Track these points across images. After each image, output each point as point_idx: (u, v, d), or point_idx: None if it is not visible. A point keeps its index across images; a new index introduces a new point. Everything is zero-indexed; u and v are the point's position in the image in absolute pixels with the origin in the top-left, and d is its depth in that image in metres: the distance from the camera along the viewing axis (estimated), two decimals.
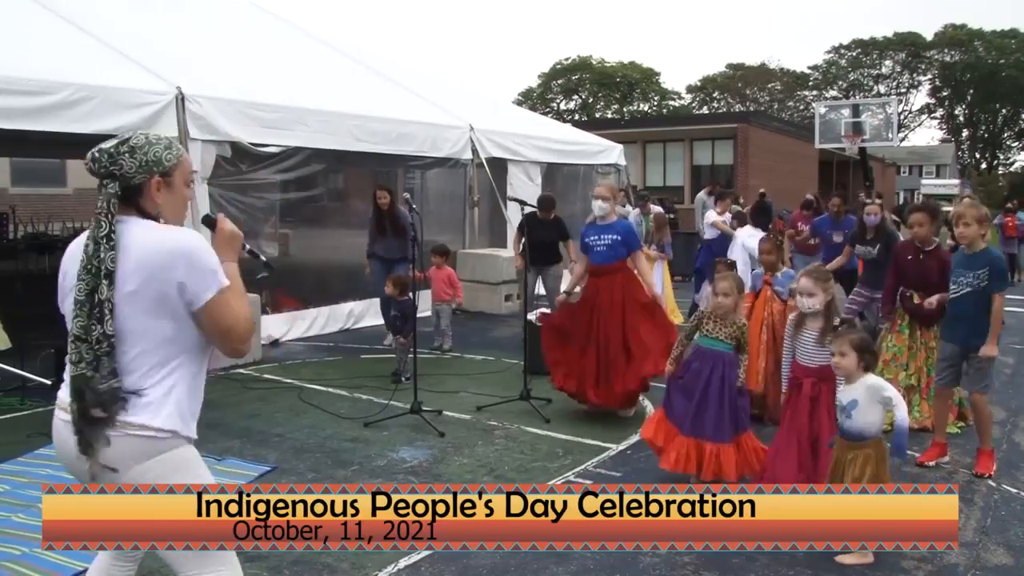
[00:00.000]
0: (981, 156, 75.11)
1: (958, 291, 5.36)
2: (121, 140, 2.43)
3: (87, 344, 2.31)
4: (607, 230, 6.50)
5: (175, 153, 2.49)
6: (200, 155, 8.44)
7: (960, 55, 68.39)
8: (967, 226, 5.27)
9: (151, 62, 8.64)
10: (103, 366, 2.31)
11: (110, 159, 2.39)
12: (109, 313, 2.30)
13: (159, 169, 2.44)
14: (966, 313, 5.31)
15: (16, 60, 7.36)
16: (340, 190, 14.95)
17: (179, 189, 2.51)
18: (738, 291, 5.14)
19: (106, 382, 2.31)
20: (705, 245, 11.60)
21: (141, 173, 2.41)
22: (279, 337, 9.59)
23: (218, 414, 6.61)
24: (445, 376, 8.03)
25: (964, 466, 5.51)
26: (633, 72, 71.10)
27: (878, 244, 7.37)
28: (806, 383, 4.57)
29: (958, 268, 5.38)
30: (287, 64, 11.71)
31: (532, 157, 13.29)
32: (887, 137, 24.92)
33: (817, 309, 4.58)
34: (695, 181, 30.37)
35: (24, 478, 5.00)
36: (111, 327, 2.30)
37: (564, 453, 5.76)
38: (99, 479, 2.40)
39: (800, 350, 4.68)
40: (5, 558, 3.95)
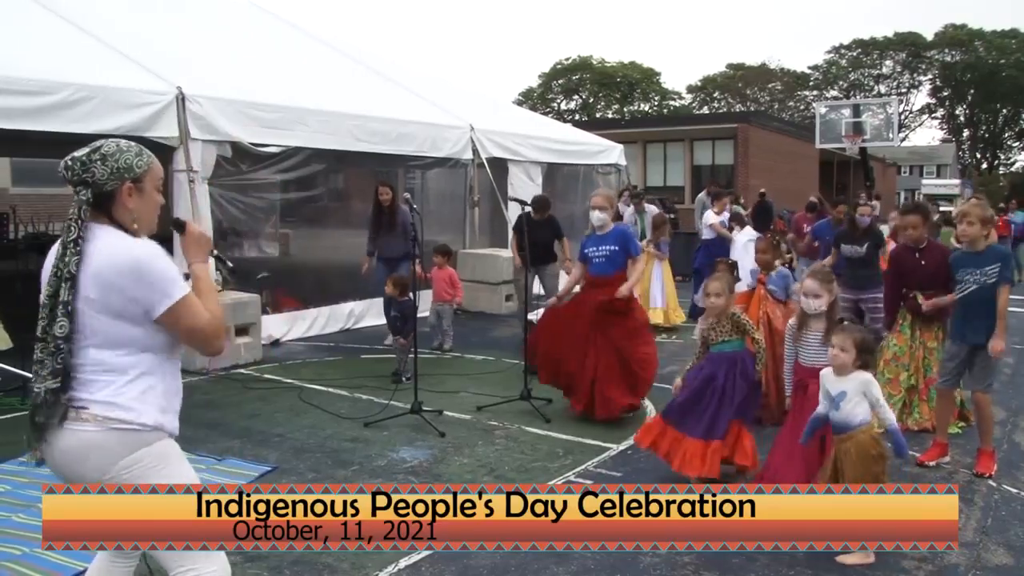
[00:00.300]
0: (982, 156, 75.09)
1: (964, 289, 5.35)
2: (93, 148, 2.49)
3: (43, 343, 2.39)
4: (605, 240, 6.49)
5: (146, 160, 2.55)
6: (200, 155, 8.45)
7: (961, 55, 68.39)
8: (971, 224, 5.27)
9: (151, 62, 8.65)
10: (45, 366, 2.38)
11: (82, 167, 2.45)
12: (63, 316, 2.37)
13: (130, 176, 2.49)
14: (976, 311, 5.30)
15: (17, 60, 7.37)
16: (340, 190, 14.95)
17: (150, 195, 2.56)
18: (728, 291, 5.16)
19: (43, 382, 2.38)
20: (703, 245, 11.61)
21: (113, 180, 2.47)
22: (279, 337, 9.59)
23: (218, 414, 6.62)
24: (445, 376, 8.02)
25: (964, 466, 5.51)
26: (633, 72, 71.12)
27: (866, 243, 7.37)
28: (812, 385, 4.57)
29: (963, 267, 5.36)
30: (287, 64, 11.71)
31: (532, 157, 13.28)
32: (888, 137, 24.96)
33: (822, 311, 4.59)
34: (695, 181, 30.37)
35: (25, 478, 5.00)
36: (61, 330, 2.37)
37: (564, 453, 5.76)
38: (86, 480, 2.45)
39: (803, 352, 4.68)
40: (6, 558, 3.95)
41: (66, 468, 2.47)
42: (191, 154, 8.36)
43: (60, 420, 2.40)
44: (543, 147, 13.60)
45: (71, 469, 2.46)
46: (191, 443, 5.77)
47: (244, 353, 8.43)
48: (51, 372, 2.38)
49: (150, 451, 2.47)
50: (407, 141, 10.94)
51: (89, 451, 2.41)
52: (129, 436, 2.43)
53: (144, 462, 2.46)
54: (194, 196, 8.37)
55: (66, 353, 2.38)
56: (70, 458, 2.44)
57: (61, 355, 2.38)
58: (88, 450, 2.41)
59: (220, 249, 8.58)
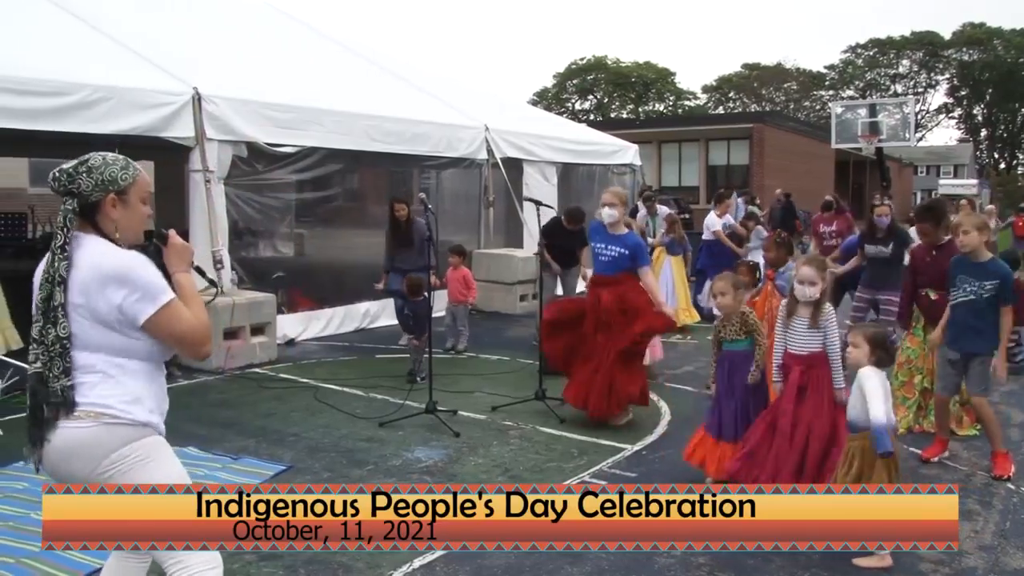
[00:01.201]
0: (1000, 156, 74.59)
1: (958, 297, 5.32)
2: (80, 161, 2.57)
3: (44, 346, 2.46)
4: (615, 241, 6.38)
5: (131, 173, 2.62)
6: (216, 155, 8.49)
7: (979, 54, 67.98)
8: (967, 234, 5.24)
9: (168, 63, 8.70)
10: (55, 366, 2.45)
11: (69, 178, 2.54)
12: (63, 317, 2.45)
13: (114, 188, 2.57)
14: (964, 320, 5.29)
15: (35, 61, 7.43)
16: (355, 190, 14.96)
17: (135, 206, 2.63)
18: (734, 288, 5.15)
19: (57, 381, 2.45)
20: (704, 245, 11.59)
21: (97, 191, 2.55)
22: (295, 337, 9.61)
23: (234, 413, 6.64)
24: (460, 376, 8.03)
25: (982, 468, 5.47)
26: (648, 72, 71.05)
27: (891, 243, 7.31)
28: (795, 370, 4.60)
29: (961, 274, 5.32)
30: (302, 65, 11.76)
31: (547, 157, 13.28)
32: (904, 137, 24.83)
33: (816, 298, 4.59)
34: (710, 181, 30.31)
35: (43, 475, 5.02)
36: (64, 330, 2.45)
37: (579, 453, 5.75)
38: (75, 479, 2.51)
39: (791, 339, 4.68)
40: (24, 555, 3.98)
41: (58, 465, 2.53)
42: (207, 154, 8.40)
43: (68, 416, 2.47)
44: (558, 147, 13.59)
45: (61, 467, 2.53)
46: (207, 442, 5.80)
47: (259, 352, 8.46)
48: (63, 371, 2.45)
49: (140, 444, 2.53)
50: (422, 141, 10.96)
51: (80, 447, 2.47)
52: (120, 430, 2.50)
53: (133, 455, 2.51)
54: (210, 196, 8.41)
55: (69, 352, 2.46)
56: (61, 455, 2.50)
57: (67, 354, 2.45)
58: (79, 446, 2.47)
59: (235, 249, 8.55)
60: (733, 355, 5.12)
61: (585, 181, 14.48)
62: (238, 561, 3.92)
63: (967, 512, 4.72)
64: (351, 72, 12.54)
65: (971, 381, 5.43)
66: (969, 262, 5.30)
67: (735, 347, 5.11)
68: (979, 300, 5.22)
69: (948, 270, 5.47)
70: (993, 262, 5.30)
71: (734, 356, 5.11)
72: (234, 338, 8.18)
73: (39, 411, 2.47)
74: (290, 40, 12.93)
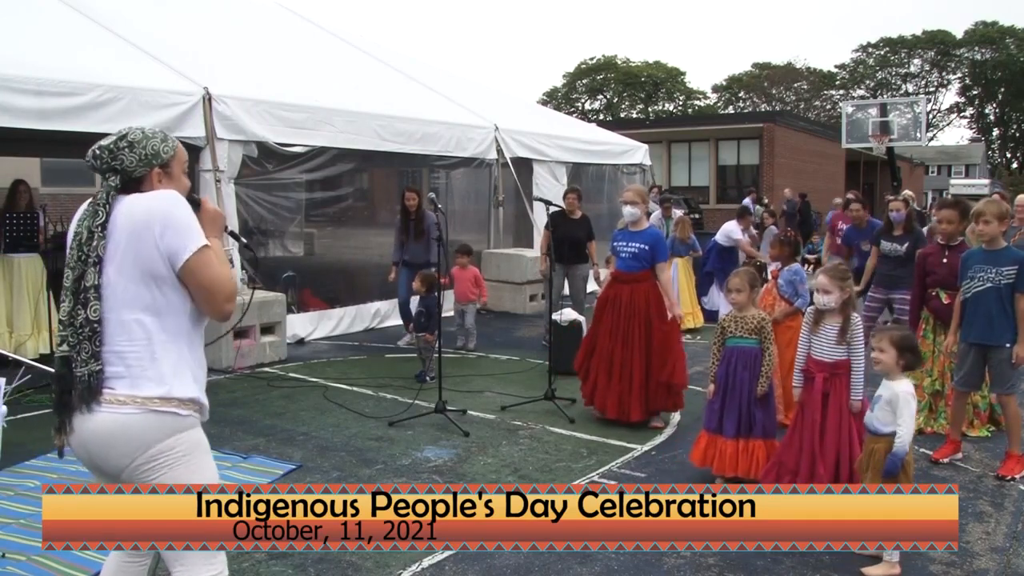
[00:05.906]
0: (1012, 155, 74.17)
1: (976, 287, 5.29)
2: (119, 136, 2.54)
3: (72, 328, 2.41)
4: (636, 237, 6.40)
5: (172, 145, 2.60)
6: (227, 155, 8.52)
7: (991, 53, 67.62)
8: (987, 223, 5.24)
9: (179, 63, 8.73)
10: (84, 350, 2.39)
11: (111, 155, 2.50)
12: (95, 299, 2.39)
13: (158, 161, 2.56)
14: (986, 310, 5.26)
15: (47, 61, 7.47)
16: (365, 190, 14.99)
17: (178, 178, 2.62)
18: (750, 285, 5.13)
19: (85, 366, 2.39)
20: (716, 249, 11.57)
21: (142, 166, 2.52)
22: (304, 336, 9.64)
23: (244, 412, 6.66)
24: (470, 376, 8.03)
25: (994, 470, 5.43)
26: (658, 72, 70.91)
27: (906, 242, 7.22)
28: (818, 378, 4.58)
29: (977, 264, 5.31)
30: (313, 64, 11.78)
31: (557, 157, 13.28)
32: (915, 137, 24.68)
33: (832, 307, 4.55)
34: (720, 181, 30.22)
35: (54, 474, 5.06)
36: (95, 313, 2.39)
37: (589, 453, 5.75)
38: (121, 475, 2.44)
39: (816, 346, 4.65)
40: (36, 552, 4.00)
41: (95, 451, 2.45)
42: (217, 154, 8.43)
43: (94, 403, 2.40)
44: (568, 147, 13.59)
45: (99, 453, 2.44)
46: (217, 441, 5.81)
47: (269, 352, 8.49)
48: (91, 355, 2.39)
49: (184, 438, 2.47)
50: (432, 141, 10.97)
51: (122, 434, 2.40)
52: (167, 420, 2.43)
53: (176, 449, 2.45)
54: (220, 195, 8.44)
55: (100, 335, 2.40)
56: (100, 440, 2.42)
57: (97, 337, 2.39)
58: (121, 433, 2.40)
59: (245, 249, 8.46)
60: (739, 351, 5.09)
61: (595, 181, 14.47)
62: (248, 560, 3.93)
63: (978, 514, 4.70)
64: (361, 72, 12.55)
65: (995, 380, 5.40)
66: (985, 252, 5.30)
67: (742, 343, 5.09)
68: (998, 287, 5.20)
69: (959, 267, 5.46)
70: (1010, 249, 5.31)
71: (740, 352, 5.09)
72: (244, 337, 8.21)
73: (66, 396, 2.41)
74: (300, 40, 12.96)
